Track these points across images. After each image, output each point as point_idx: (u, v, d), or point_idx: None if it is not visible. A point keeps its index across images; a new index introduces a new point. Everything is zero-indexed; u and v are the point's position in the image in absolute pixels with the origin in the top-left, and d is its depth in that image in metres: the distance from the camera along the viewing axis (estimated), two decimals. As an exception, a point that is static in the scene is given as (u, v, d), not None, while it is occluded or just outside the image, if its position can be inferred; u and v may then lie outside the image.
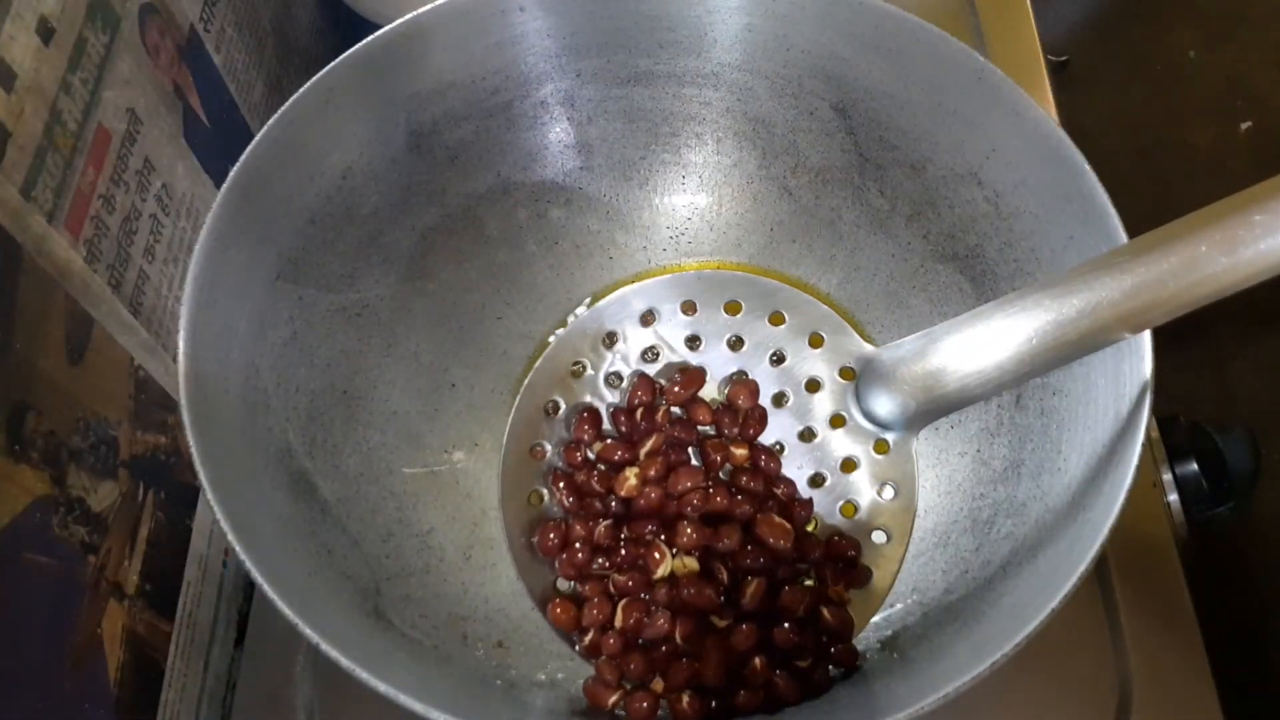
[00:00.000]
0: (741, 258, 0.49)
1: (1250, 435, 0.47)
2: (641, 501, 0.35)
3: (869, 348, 0.33)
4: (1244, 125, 0.54)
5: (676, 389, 0.36)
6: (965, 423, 0.42)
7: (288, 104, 0.39)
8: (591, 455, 0.37)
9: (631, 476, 0.35)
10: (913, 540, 0.41)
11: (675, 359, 0.38)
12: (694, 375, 0.36)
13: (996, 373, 0.30)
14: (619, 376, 0.36)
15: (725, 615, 0.34)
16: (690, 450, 0.36)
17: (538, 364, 0.35)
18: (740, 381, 0.36)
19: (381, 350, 0.43)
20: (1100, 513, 0.31)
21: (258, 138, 0.38)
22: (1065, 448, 0.36)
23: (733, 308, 0.36)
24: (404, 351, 0.44)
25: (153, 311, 0.41)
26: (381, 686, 0.29)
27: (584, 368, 0.36)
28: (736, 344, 0.36)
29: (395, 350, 0.44)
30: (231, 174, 0.37)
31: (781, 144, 0.46)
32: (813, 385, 0.35)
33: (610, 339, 0.36)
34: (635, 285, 0.39)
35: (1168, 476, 0.46)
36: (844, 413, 0.34)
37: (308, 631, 0.29)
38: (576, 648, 0.35)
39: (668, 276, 0.36)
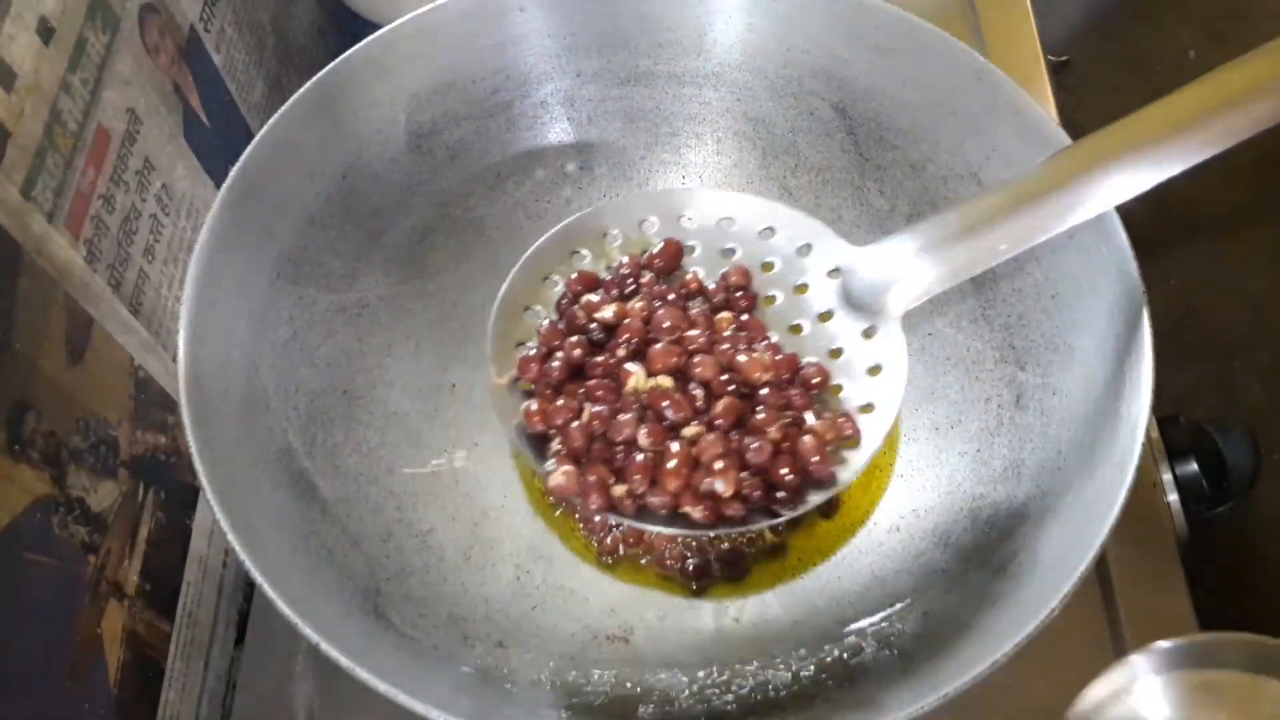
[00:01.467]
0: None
1: (1250, 435, 0.47)
2: (620, 328, 0.35)
3: (854, 249, 0.36)
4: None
5: (658, 261, 0.37)
6: (965, 422, 0.42)
7: (288, 104, 0.39)
8: (579, 302, 0.37)
9: (612, 306, 0.36)
10: (913, 540, 0.41)
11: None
12: (673, 246, 0.37)
13: (976, 248, 0.33)
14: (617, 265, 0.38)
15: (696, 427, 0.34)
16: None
17: (540, 242, 0.37)
18: (734, 267, 0.37)
19: (381, 350, 0.43)
20: (1100, 513, 0.31)
21: (258, 138, 0.38)
22: (1065, 448, 0.36)
23: (726, 223, 0.38)
24: (404, 351, 0.44)
25: (153, 311, 0.41)
26: (381, 686, 0.29)
27: (583, 256, 0.38)
28: (729, 254, 0.38)
29: (395, 350, 0.44)
30: (231, 174, 0.37)
31: (781, 144, 0.46)
32: (801, 289, 0.36)
33: (608, 236, 0.38)
34: (638, 195, 0.41)
35: (1168, 476, 0.46)
36: (831, 307, 0.36)
37: (308, 631, 0.29)
38: (546, 461, 0.34)
39: (661, 191, 0.39)
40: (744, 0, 0.43)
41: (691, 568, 0.41)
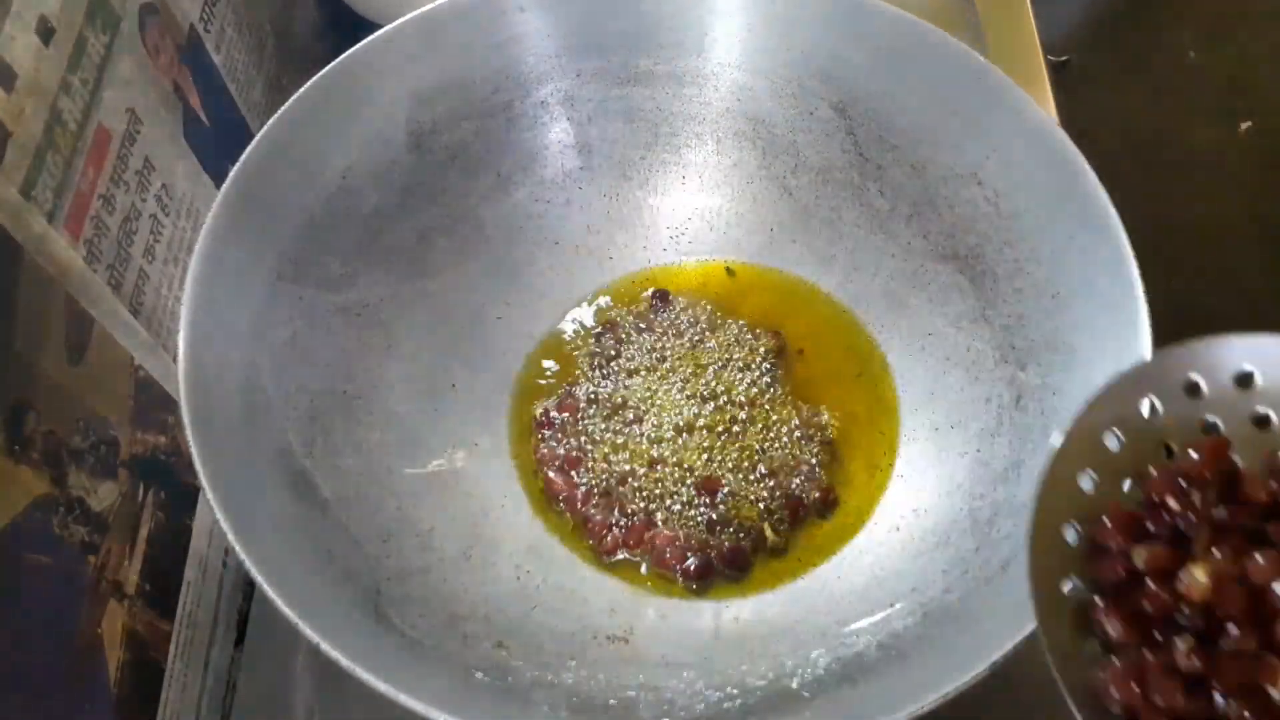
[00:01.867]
0: (742, 257, 0.49)
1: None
2: (1222, 603, 0.25)
3: None
4: (1244, 125, 0.54)
5: (1206, 472, 0.27)
6: (965, 423, 0.42)
7: (288, 104, 0.39)
8: (1137, 565, 0.27)
9: (1199, 573, 0.26)
10: (913, 540, 0.41)
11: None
12: (1219, 448, 0.27)
13: None
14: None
15: None
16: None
17: (1079, 418, 0.28)
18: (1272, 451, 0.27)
19: (381, 350, 0.43)
20: (1101, 513, 0.30)
21: (258, 138, 0.38)
22: (1066, 448, 0.36)
23: (1246, 379, 0.27)
24: (404, 351, 0.44)
25: (153, 311, 0.41)
26: (381, 686, 0.29)
27: (1092, 484, 0.27)
28: (1262, 424, 0.27)
29: (395, 350, 0.44)
30: (231, 174, 0.37)
31: (781, 144, 0.46)
32: None
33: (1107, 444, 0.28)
34: (1118, 380, 0.29)
35: (1168, 477, 0.46)
36: None
37: (308, 631, 0.29)
38: None
39: (1142, 366, 0.27)
40: (744, 0, 0.43)
41: (692, 568, 0.41)
